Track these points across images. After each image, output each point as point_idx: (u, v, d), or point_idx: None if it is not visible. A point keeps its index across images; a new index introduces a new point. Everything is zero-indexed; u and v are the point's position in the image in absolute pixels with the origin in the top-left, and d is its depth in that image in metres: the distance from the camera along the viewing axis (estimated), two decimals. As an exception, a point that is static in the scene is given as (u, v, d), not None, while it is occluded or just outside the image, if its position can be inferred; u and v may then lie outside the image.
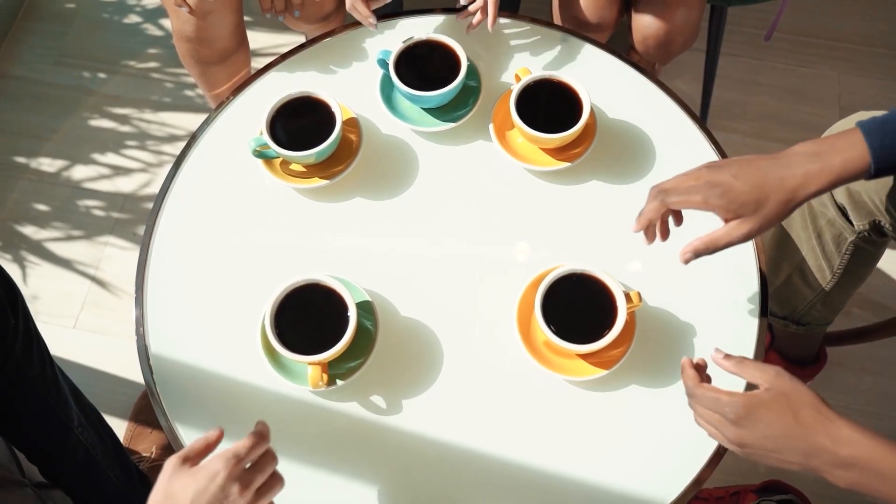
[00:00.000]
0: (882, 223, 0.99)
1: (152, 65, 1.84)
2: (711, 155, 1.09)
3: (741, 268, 1.01)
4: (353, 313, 0.91)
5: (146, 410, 1.44)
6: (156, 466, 1.37)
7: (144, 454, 1.38)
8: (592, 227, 1.04)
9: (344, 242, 1.05)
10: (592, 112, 1.06)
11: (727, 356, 0.79)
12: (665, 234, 0.89)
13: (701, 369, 0.80)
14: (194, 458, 0.75)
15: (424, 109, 1.11)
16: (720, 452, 0.93)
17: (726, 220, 0.83)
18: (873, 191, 0.97)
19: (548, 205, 1.06)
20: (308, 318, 0.94)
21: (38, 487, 1.17)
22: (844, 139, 0.81)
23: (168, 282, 1.04)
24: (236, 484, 0.72)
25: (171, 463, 0.74)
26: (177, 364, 1.00)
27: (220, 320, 1.01)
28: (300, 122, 1.06)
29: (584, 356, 0.93)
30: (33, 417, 1.11)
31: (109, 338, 1.56)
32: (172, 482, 0.72)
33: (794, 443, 0.73)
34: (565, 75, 1.06)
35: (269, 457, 0.76)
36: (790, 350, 1.39)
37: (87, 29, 1.92)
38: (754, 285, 1.00)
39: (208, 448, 0.77)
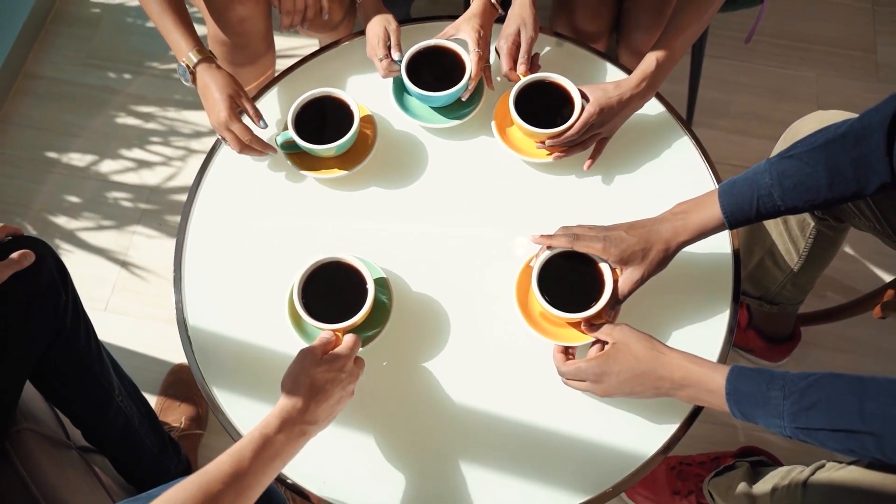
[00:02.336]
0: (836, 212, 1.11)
1: (174, 66, 1.95)
2: (693, 151, 1.20)
3: (717, 252, 1.12)
4: (371, 287, 1.01)
5: (175, 385, 1.55)
6: (185, 435, 1.48)
7: (174, 424, 1.49)
8: (583, 213, 1.15)
9: (361, 226, 1.16)
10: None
11: (586, 326, 0.98)
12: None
13: (566, 353, 0.98)
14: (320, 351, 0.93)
15: (433, 108, 1.22)
16: (695, 413, 1.03)
17: (620, 268, 0.99)
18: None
19: (544, 193, 1.17)
20: (331, 291, 1.03)
21: (82, 451, 1.28)
22: (706, 200, 0.97)
23: (203, 263, 1.15)
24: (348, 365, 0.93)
25: (304, 352, 0.92)
26: (212, 336, 1.11)
27: (250, 296, 1.12)
28: (321, 119, 1.16)
29: (575, 324, 1.02)
30: (80, 386, 1.22)
31: (138, 319, 1.67)
32: (308, 367, 0.90)
33: (642, 380, 0.91)
34: (558, 76, 1.17)
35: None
36: (767, 328, 1.51)
37: (112, 32, 2.02)
38: (728, 268, 1.11)
39: (328, 347, 0.95)
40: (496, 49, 1.23)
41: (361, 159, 1.17)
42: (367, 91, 1.24)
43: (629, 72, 1.24)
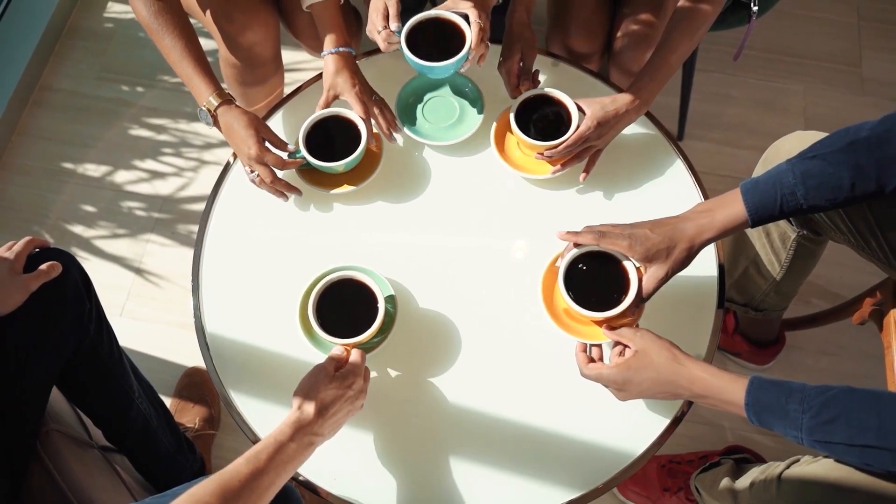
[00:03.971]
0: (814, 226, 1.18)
1: (184, 79, 2.02)
2: (680, 165, 1.27)
3: (703, 261, 1.18)
4: (381, 305, 1.06)
5: (189, 387, 1.62)
6: (199, 435, 1.55)
7: (189, 425, 1.56)
8: (577, 225, 1.22)
9: (369, 237, 1.23)
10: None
11: (608, 328, 1.01)
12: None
13: (587, 351, 1.02)
14: (332, 367, 1.01)
15: (432, 127, 1.28)
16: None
17: (644, 266, 1.01)
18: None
19: (541, 207, 1.24)
20: (343, 306, 1.09)
21: (103, 450, 1.35)
22: (730, 198, 1.00)
23: (219, 272, 1.23)
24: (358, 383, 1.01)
25: (317, 368, 1.00)
26: (228, 341, 1.18)
27: (263, 304, 1.19)
28: (330, 137, 1.23)
29: (599, 322, 1.03)
30: (102, 388, 1.29)
31: (152, 324, 1.74)
32: (320, 383, 0.98)
33: (661, 388, 0.95)
34: (557, 91, 1.23)
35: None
36: (752, 333, 1.58)
37: (125, 46, 2.09)
38: (714, 277, 1.19)
39: (340, 362, 1.03)
40: (499, 71, 1.29)
41: (368, 175, 1.24)
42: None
43: (620, 90, 1.32)
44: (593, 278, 1.03)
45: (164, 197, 1.88)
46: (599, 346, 1.05)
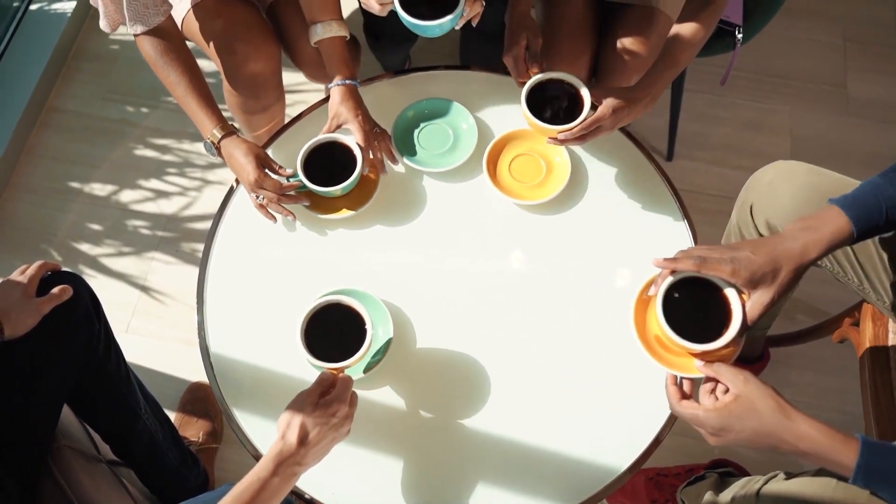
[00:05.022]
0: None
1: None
2: (667, 193, 1.32)
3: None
4: (369, 330, 1.07)
5: (193, 402, 1.67)
6: (203, 449, 1.60)
7: (192, 438, 1.61)
8: (564, 249, 1.28)
9: (367, 259, 1.28)
10: (568, 157, 1.30)
11: (706, 364, 0.94)
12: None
13: (679, 384, 0.95)
14: (317, 393, 1.01)
15: (427, 154, 1.34)
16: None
17: (748, 291, 0.94)
18: (785, 223, 1.20)
19: (530, 230, 1.30)
20: (332, 330, 1.10)
21: (111, 464, 1.40)
22: (827, 215, 0.95)
23: (223, 290, 1.27)
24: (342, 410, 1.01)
25: (301, 395, 1.01)
26: (231, 358, 1.23)
27: (265, 322, 1.24)
28: (328, 162, 1.27)
29: (697, 355, 0.96)
30: (110, 405, 1.34)
31: (157, 340, 1.79)
32: (304, 412, 0.98)
33: (761, 441, 0.87)
34: (567, 75, 1.25)
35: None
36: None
37: (130, 68, 2.15)
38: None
39: (326, 388, 1.03)
40: (504, 61, 1.31)
41: (366, 200, 1.29)
42: (371, 138, 1.36)
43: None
44: (691, 306, 0.95)
45: (169, 216, 1.93)
46: (690, 379, 0.98)
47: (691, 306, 0.95)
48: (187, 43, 1.51)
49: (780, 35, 2.16)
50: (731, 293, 0.95)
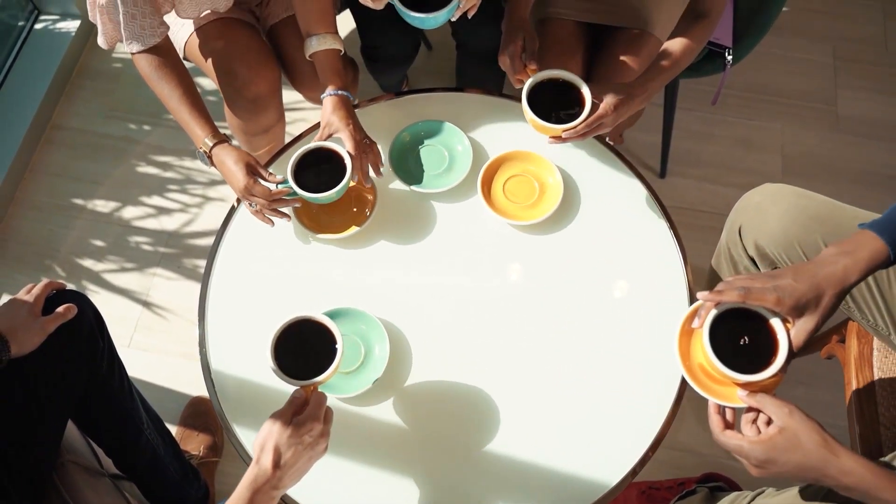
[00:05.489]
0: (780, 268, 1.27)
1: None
2: (656, 211, 1.35)
3: (677, 304, 1.28)
4: (339, 347, 1.06)
5: (193, 416, 1.70)
6: (204, 463, 1.63)
7: (193, 452, 1.64)
8: (559, 267, 1.31)
9: (364, 278, 1.31)
10: (561, 178, 1.33)
11: (749, 394, 0.93)
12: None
13: (722, 413, 0.96)
14: (290, 414, 1.00)
15: (424, 174, 1.37)
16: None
17: (793, 319, 0.95)
18: (773, 245, 1.24)
19: (525, 250, 1.33)
20: (304, 347, 1.07)
21: (114, 478, 1.43)
22: (862, 239, 0.96)
23: (224, 307, 1.30)
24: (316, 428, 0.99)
25: (273, 417, 0.99)
26: (230, 372, 1.25)
27: (265, 339, 1.22)
28: (319, 171, 1.28)
29: (742, 385, 0.95)
30: (113, 420, 1.37)
31: (159, 355, 1.81)
32: (277, 434, 0.97)
33: (805, 474, 0.88)
34: (566, 73, 1.26)
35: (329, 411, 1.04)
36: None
37: (132, 86, 2.18)
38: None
39: (298, 408, 1.02)
40: (500, 62, 1.34)
41: (364, 220, 1.32)
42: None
43: (602, 140, 1.41)
44: (736, 336, 0.96)
45: (170, 232, 1.96)
46: (733, 408, 0.98)
47: (736, 336, 0.96)
48: (186, 59, 1.55)
49: (771, 54, 2.20)
50: (776, 322, 0.95)
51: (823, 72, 2.19)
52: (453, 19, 1.26)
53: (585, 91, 1.25)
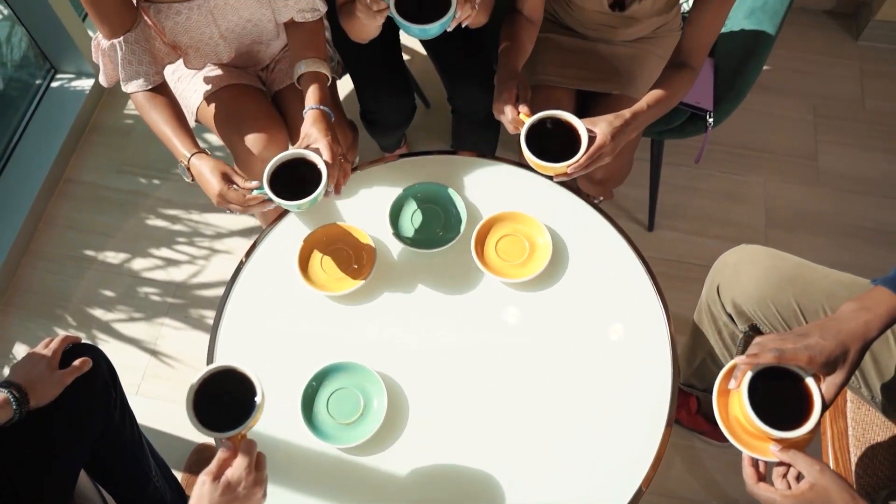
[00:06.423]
0: (757, 325, 1.34)
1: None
2: (640, 269, 1.43)
3: (660, 356, 1.34)
4: (259, 397, 1.06)
5: (199, 463, 1.76)
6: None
7: (198, 499, 1.69)
8: (549, 323, 1.38)
9: (363, 334, 1.37)
10: (550, 238, 1.41)
11: (782, 449, 0.98)
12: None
13: (757, 467, 1.01)
14: (217, 472, 1.00)
15: (421, 235, 1.45)
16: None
17: (823, 376, 1.01)
18: (749, 303, 1.31)
19: (517, 306, 1.40)
20: (225, 398, 1.07)
21: (121, 524, 1.48)
22: (879, 296, 1.03)
23: (229, 356, 1.35)
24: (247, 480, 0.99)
25: (200, 480, 0.98)
26: None
27: (269, 390, 1.28)
28: (296, 181, 1.29)
29: (781, 441, 0.99)
30: (124, 468, 1.43)
31: (166, 402, 1.87)
32: (206, 496, 0.97)
33: None
34: (561, 112, 1.31)
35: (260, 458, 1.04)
36: (712, 414, 1.70)
37: (143, 142, 2.27)
38: (668, 372, 1.33)
39: (225, 465, 1.01)
40: (495, 111, 1.39)
41: (363, 277, 1.39)
42: (369, 220, 1.47)
43: (588, 199, 1.49)
44: (771, 393, 1.01)
45: (178, 283, 2.04)
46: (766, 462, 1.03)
47: (771, 394, 1.01)
48: (198, 122, 1.64)
49: (753, 110, 2.30)
50: (810, 381, 1.01)
51: (804, 128, 2.28)
52: (449, 29, 1.33)
53: (580, 126, 1.31)
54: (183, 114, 1.45)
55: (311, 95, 1.43)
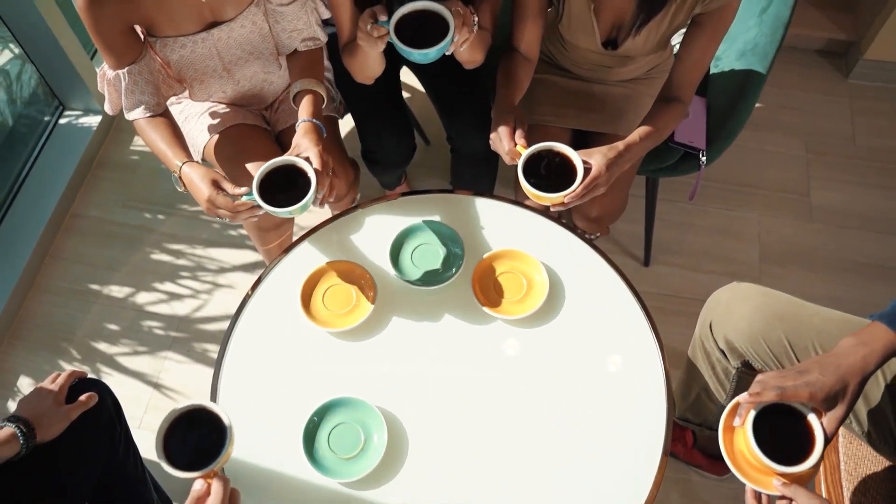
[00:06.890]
0: (749, 361, 1.37)
1: (201, 208, 2.22)
2: (635, 305, 1.46)
3: (655, 393, 1.37)
4: (229, 433, 1.06)
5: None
6: (209, 542, 1.69)
7: (200, 532, 1.70)
8: (544, 360, 1.40)
9: (365, 369, 1.40)
10: (549, 278, 1.44)
11: (784, 484, 1.01)
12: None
13: (759, 500, 1.04)
14: None
15: (421, 272, 1.48)
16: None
17: (824, 411, 1.04)
18: (740, 339, 1.34)
19: (514, 342, 1.43)
20: (197, 437, 1.08)
21: (124, 559, 1.49)
22: (876, 331, 1.06)
23: (234, 391, 1.39)
24: None
25: None
26: (237, 459, 1.32)
27: (272, 425, 1.35)
28: (286, 187, 1.30)
29: (785, 475, 1.02)
30: (128, 501, 1.45)
31: (168, 436, 1.89)
32: None
33: None
34: (557, 144, 1.34)
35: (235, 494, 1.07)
36: (709, 448, 1.74)
37: (148, 177, 2.32)
38: (663, 405, 1.36)
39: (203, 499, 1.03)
40: (492, 143, 1.42)
41: (364, 315, 1.42)
42: (371, 257, 1.51)
43: (582, 235, 1.52)
44: (773, 429, 1.04)
45: (181, 317, 2.07)
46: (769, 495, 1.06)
47: (775, 429, 1.04)
48: (205, 161, 1.69)
49: (747, 147, 2.34)
50: (811, 417, 1.04)
51: (796, 164, 2.33)
52: (448, 53, 1.36)
53: (576, 158, 1.33)
54: (180, 132, 1.50)
55: (304, 109, 1.47)
